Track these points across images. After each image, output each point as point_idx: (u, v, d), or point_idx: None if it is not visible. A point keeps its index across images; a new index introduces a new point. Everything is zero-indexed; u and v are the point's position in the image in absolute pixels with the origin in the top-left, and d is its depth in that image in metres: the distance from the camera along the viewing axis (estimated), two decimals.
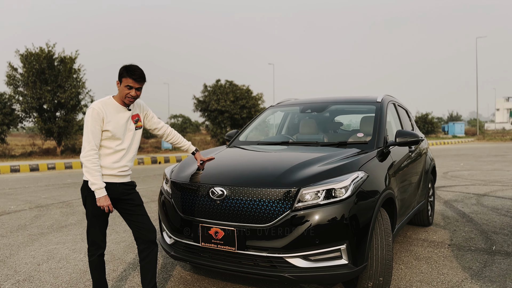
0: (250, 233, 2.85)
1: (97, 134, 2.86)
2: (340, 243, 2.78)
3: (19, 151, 22.03)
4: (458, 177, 10.65)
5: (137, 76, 2.87)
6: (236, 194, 2.93)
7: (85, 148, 2.84)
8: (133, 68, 2.88)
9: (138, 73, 2.87)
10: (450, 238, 4.92)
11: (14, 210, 7.10)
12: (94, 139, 2.84)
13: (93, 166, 2.82)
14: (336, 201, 2.80)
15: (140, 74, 2.88)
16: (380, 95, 4.46)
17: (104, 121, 2.87)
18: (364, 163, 3.18)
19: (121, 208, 3.06)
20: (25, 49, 20.05)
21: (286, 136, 4.68)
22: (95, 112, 2.85)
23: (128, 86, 2.87)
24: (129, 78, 2.86)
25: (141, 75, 2.89)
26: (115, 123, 2.92)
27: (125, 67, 2.89)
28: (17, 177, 12.84)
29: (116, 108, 2.95)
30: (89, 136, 2.83)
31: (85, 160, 2.83)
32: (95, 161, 2.83)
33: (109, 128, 2.89)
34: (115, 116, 2.93)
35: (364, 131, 4.12)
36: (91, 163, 2.82)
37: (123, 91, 2.89)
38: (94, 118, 2.84)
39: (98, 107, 2.87)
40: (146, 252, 3.02)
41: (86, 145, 2.84)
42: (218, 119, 27.84)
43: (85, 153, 2.84)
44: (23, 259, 4.34)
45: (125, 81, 2.86)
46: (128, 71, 2.86)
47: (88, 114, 2.87)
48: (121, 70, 2.90)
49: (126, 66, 2.90)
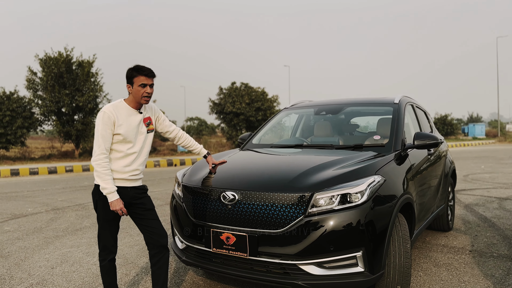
0: (262, 239, 2.77)
1: (108, 138, 2.83)
2: (356, 250, 2.68)
3: (38, 154, 22.41)
4: (479, 180, 10.36)
5: (147, 72, 2.87)
6: (248, 198, 2.86)
7: (95, 152, 2.81)
8: (141, 66, 2.89)
9: (147, 69, 2.88)
10: (471, 244, 4.75)
11: (31, 212, 7.17)
12: (104, 143, 2.81)
13: (103, 170, 2.79)
14: (351, 206, 2.70)
15: (149, 69, 2.89)
16: (397, 96, 4.33)
17: (115, 124, 2.84)
18: (381, 167, 3.07)
19: (132, 212, 3.02)
20: (44, 53, 20.43)
21: (300, 139, 4.59)
22: (106, 116, 2.82)
23: (142, 85, 2.85)
24: (140, 76, 2.84)
25: (151, 71, 2.90)
26: (126, 126, 2.88)
27: (132, 68, 2.88)
28: (35, 179, 13.04)
29: (127, 111, 2.91)
30: (99, 140, 2.81)
31: (95, 164, 2.81)
32: (105, 165, 2.80)
33: (120, 131, 2.85)
34: (127, 119, 2.90)
35: (381, 134, 4.00)
36: (101, 167, 2.79)
37: (138, 91, 2.86)
38: (105, 121, 2.82)
39: (109, 111, 2.84)
40: (158, 257, 2.97)
41: (96, 148, 2.81)
42: (234, 121, 27.85)
43: (95, 157, 2.81)
44: (37, 262, 4.35)
45: (137, 80, 2.84)
46: (138, 70, 2.86)
47: (99, 118, 2.84)
48: (129, 72, 2.88)
49: (133, 67, 2.89)
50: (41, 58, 20.30)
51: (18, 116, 19.64)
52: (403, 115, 3.98)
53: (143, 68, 2.87)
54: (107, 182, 2.79)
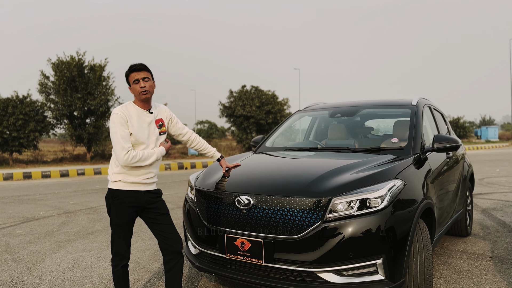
0: (279, 245, 2.68)
1: (127, 136, 2.78)
2: (376, 257, 2.57)
3: (50, 157, 22.60)
4: (495, 183, 10.15)
5: (135, 66, 2.85)
6: (263, 203, 2.78)
7: (120, 154, 2.72)
8: (132, 64, 2.89)
9: (136, 64, 2.87)
10: (491, 250, 4.60)
11: (43, 216, 7.17)
12: (125, 142, 2.75)
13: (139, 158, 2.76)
14: (371, 212, 2.60)
15: (139, 64, 2.88)
16: (415, 98, 4.22)
17: (128, 124, 2.80)
18: (401, 171, 2.97)
19: (146, 217, 2.95)
20: (57, 57, 20.62)
21: (314, 142, 4.50)
22: (118, 116, 2.78)
23: (135, 81, 2.83)
24: (131, 73, 2.84)
25: (141, 64, 2.87)
26: (138, 126, 2.84)
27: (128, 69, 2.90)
28: (47, 182, 13.11)
29: (137, 111, 2.88)
30: (120, 140, 2.74)
31: (130, 162, 2.73)
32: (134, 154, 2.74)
33: (132, 131, 2.81)
34: (138, 120, 2.86)
35: (398, 136, 3.89)
36: (135, 159, 2.74)
37: (134, 90, 2.84)
38: (119, 121, 2.77)
39: (120, 111, 2.81)
40: (172, 263, 2.90)
41: (120, 151, 2.72)
42: (244, 124, 27.81)
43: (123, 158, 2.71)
44: (49, 267, 4.31)
45: (131, 78, 2.85)
46: (129, 69, 2.87)
47: (113, 121, 2.79)
48: (125, 73, 2.90)
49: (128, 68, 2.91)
50: (54, 62, 20.50)
51: (31, 119, 19.82)
52: (421, 117, 3.87)
53: (133, 65, 2.86)
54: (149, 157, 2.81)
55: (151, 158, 2.82)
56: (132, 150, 2.76)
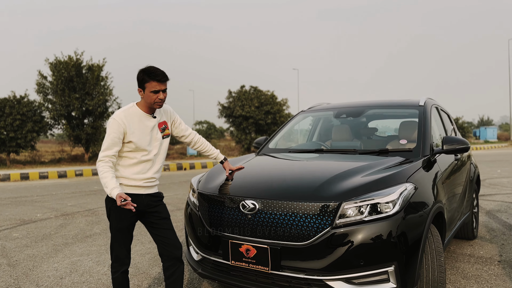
0: (286, 251, 2.57)
1: (115, 144, 2.64)
2: (387, 264, 2.46)
3: (48, 158, 22.45)
4: (497, 184, 10.06)
5: (160, 77, 2.62)
6: (270, 208, 2.66)
7: (100, 154, 2.66)
8: (153, 70, 2.63)
9: (160, 73, 2.63)
10: (499, 254, 4.50)
11: (40, 218, 7.04)
12: (110, 148, 2.64)
13: (102, 174, 2.61)
14: (383, 217, 2.49)
15: (162, 73, 2.64)
16: (422, 98, 4.12)
17: (126, 133, 2.65)
18: (412, 174, 2.85)
19: (146, 221, 2.84)
20: (54, 57, 20.46)
21: (319, 143, 4.38)
22: (115, 124, 2.64)
23: (154, 91, 2.62)
24: (152, 82, 2.61)
25: (164, 75, 2.65)
26: (139, 133, 2.69)
27: (143, 71, 2.64)
28: (45, 183, 12.96)
29: (140, 117, 2.72)
30: (106, 143, 2.65)
31: (98, 169, 2.65)
32: (102, 169, 2.61)
33: (133, 139, 2.67)
34: (139, 126, 2.70)
35: (406, 137, 3.78)
36: (100, 173, 2.62)
37: (149, 97, 2.64)
38: (114, 129, 2.64)
39: (120, 118, 2.65)
40: (172, 269, 2.78)
41: (100, 153, 2.66)
42: (243, 125, 27.69)
43: (97, 161, 2.66)
44: (46, 272, 4.19)
45: (149, 86, 2.62)
46: (150, 74, 2.61)
47: (109, 124, 2.67)
48: (140, 75, 2.64)
49: (144, 70, 2.65)
50: (51, 62, 20.36)
51: (28, 120, 19.68)
52: (430, 118, 3.76)
53: (156, 72, 2.62)
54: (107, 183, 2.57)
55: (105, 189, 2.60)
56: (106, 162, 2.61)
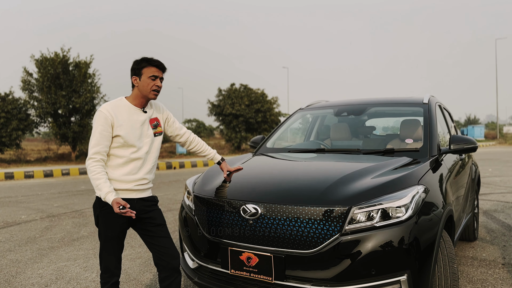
0: (290, 260, 2.38)
1: (105, 139, 2.45)
2: (400, 273, 2.29)
3: (34, 156, 21.93)
4: (491, 184, 10.01)
5: (159, 63, 2.55)
6: (273, 213, 2.47)
7: (88, 153, 2.46)
8: (151, 58, 2.56)
9: (158, 60, 2.57)
10: (502, 256, 4.37)
11: (24, 220, 6.75)
12: (99, 144, 2.44)
13: (93, 175, 2.42)
14: (395, 222, 2.32)
15: (160, 62, 2.58)
16: (425, 96, 3.96)
17: (113, 125, 2.47)
18: (423, 175, 2.69)
19: (140, 228, 2.62)
20: (40, 54, 19.97)
21: (318, 143, 4.20)
22: (102, 116, 2.46)
23: (153, 77, 2.52)
24: (151, 67, 2.52)
25: (162, 63, 2.60)
26: (128, 127, 2.50)
27: (141, 59, 2.55)
28: (31, 183, 12.59)
29: (129, 110, 2.54)
30: (93, 139, 2.46)
31: (88, 168, 2.45)
32: (94, 168, 2.42)
33: (120, 133, 2.47)
34: (128, 119, 2.52)
35: (409, 136, 3.62)
36: (90, 172, 2.43)
37: (147, 84, 2.51)
38: (101, 122, 2.45)
39: (106, 110, 2.47)
40: (168, 281, 2.57)
41: (89, 150, 2.46)
42: (233, 123, 27.47)
43: (87, 160, 2.46)
44: (30, 279, 3.94)
45: (147, 71, 2.51)
46: (148, 60, 2.53)
47: (96, 117, 2.48)
48: (137, 63, 2.55)
49: (142, 58, 2.56)
50: (37, 58, 19.85)
51: (13, 118, 19.17)
52: (435, 117, 3.61)
53: (154, 59, 2.54)
54: (99, 188, 2.39)
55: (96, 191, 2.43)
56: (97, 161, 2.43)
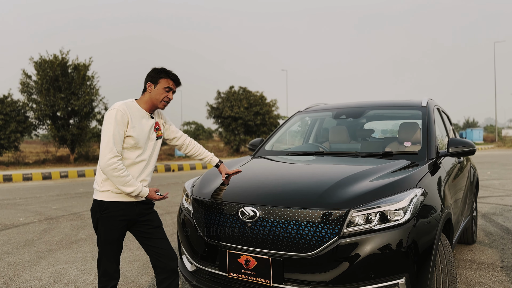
0: (289, 263, 2.38)
1: (120, 139, 2.44)
2: (398, 276, 2.29)
3: (33, 158, 21.91)
4: (489, 187, 10.03)
5: (176, 78, 2.61)
6: (271, 215, 2.47)
7: (106, 155, 2.38)
8: (170, 70, 2.62)
9: (176, 76, 2.63)
10: (500, 259, 4.38)
11: (22, 222, 6.73)
12: (116, 144, 2.40)
13: (122, 173, 2.40)
14: (393, 225, 2.32)
15: (178, 77, 2.65)
16: (424, 99, 3.97)
17: (128, 125, 2.46)
18: (421, 178, 2.69)
19: (137, 231, 2.63)
20: (39, 56, 19.98)
21: (317, 145, 4.20)
22: (119, 114, 2.42)
23: (167, 88, 2.56)
24: (169, 79, 2.56)
25: (179, 78, 2.66)
26: (139, 129, 2.52)
27: (161, 69, 2.59)
28: (29, 185, 12.57)
29: (140, 112, 2.56)
30: (111, 140, 2.39)
31: (110, 169, 2.37)
32: (121, 167, 2.40)
33: (133, 134, 2.47)
34: (140, 122, 2.53)
35: (407, 139, 3.63)
36: (118, 172, 2.39)
37: (160, 93, 2.54)
38: (118, 120, 2.41)
39: (123, 108, 2.46)
40: (166, 283, 2.57)
41: (106, 152, 2.38)
42: (232, 126, 27.47)
43: (108, 161, 2.37)
44: (28, 282, 3.93)
45: (164, 82, 2.55)
46: (168, 72, 2.58)
47: (111, 116, 2.43)
48: (156, 71, 2.57)
49: (161, 68, 2.60)
50: (36, 61, 19.86)
51: (12, 120, 19.17)
52: (434, 120, 3.62)
53: (173, 73, 2.61)
54: (130, 184, 2.42)
55: (127, 188, 2.42)
56: (120, 159, 2.42)
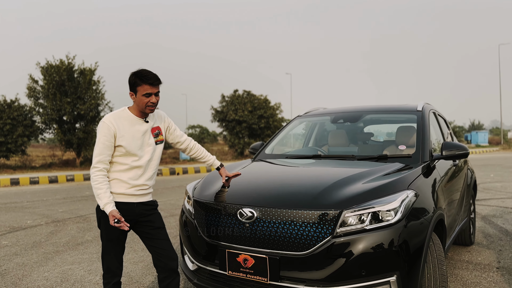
0: (285, 261, 2.49)
1: (107, 149, 2.58)
2: (389, 274, 2.40)
3: (39, 162, 22.15)
4: (491, 189, 10.07)
5: (153, 80, 2.57)
6: (268, 216, 2.59)
7: (92, 162, 2.59)
8: (145, 73, 2.58)
9: (152, 76, 2.58)
10: (497, 260, 4.46)
11: (30, 225, 6.89)
12: (102, 153, 2.57)
13: (96, 184, 2.55)
14: (384, 225, 2.43)
15: (154, 77, 2.59)
16: (419, 103, 4.08)
17: (116, 136, 2.58)
18: (413, 181, 2.80)
19: (139, 231, 2.75)
20: (46, 61, 20.26)
21: (316, 149, 4.32)
22: (105, 126, 2.58)
23: (146, 94, 2.57)
24: (144, 85, 2.56)
25: (156, 78, 2.60)
26: (129, 137, 2.62)
27: (135, 74, 2.58)
28: (36, 189, 12.76)
29: (131, 121, 2.65)
30: (97, 149, 2.58)
31: (91, 178, 2.58)
32: (97, 178, 2.55)
33: (122, 143, 2.59)
34: (130, 130, 2.63)
35: (403, 143, 3.74)
36: (93, 181, 2.56)
37: (141, 101, 2.59)
38: (104, 133, 2.57)
39: (109, 121, 2.59)
40: (167, 281, 2.69)
41: (93, 163, 2.59)
42: (236, 129, 27.62)
43: (91, 171, 2.59)
44: (36, 281, 4.06)
45: (141, 89, 2.56)
46: (142, 78, 2.56)
47: (99, 127, 2.61)
48: (132, 78, 2.59)
49: (136, 73, 2.59)
50: (43, 66, 20.13)
51: (19, 124, 19.41)
52: (428, 123, 3.72)
53: (148, 76, 2.56)
54: (100, 198, 2.54)
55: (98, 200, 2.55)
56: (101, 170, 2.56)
